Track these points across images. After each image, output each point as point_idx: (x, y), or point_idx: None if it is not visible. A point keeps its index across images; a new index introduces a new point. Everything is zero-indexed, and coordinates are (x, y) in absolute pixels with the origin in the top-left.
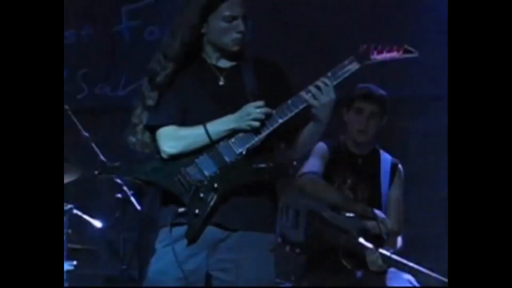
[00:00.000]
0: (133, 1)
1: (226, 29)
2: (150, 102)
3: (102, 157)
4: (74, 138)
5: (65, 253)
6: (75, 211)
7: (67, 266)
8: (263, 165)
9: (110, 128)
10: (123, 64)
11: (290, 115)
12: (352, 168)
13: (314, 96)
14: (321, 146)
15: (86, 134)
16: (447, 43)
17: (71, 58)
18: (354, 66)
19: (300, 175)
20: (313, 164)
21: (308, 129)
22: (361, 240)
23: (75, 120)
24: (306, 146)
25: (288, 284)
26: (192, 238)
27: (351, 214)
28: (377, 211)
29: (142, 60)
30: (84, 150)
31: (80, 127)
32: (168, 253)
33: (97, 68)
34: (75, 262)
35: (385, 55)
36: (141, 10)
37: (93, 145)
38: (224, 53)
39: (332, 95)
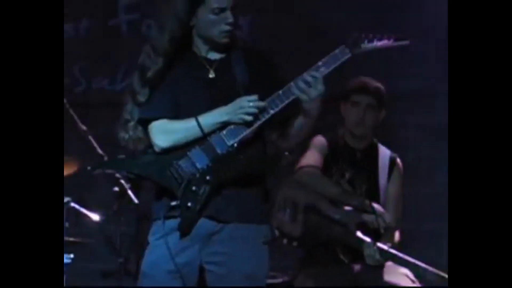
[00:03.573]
0: None
1: (214, 21)
2: (141, 98)
3: (99, 151)
4: (71, 131)
5: None
6: (72, 204)
7: (65, 259)
8: (255, 156)
9: (108, 122)
10: (120, 58)
11: (281, 105)
12: (350, 162)
13: (302, 91)
14: (320, 139)
15: (84, 127)
16: (444, 37)
17: (69, 51)
18: (345, 55)
19: (298, 169)
20: (311, 158)
21: (298, 122)
22: (359, 233)
23: (73, 113)
24: (296, 138)
25: (283, 278)
26: (184, 231)
27: (349, 208)
28: (375, 205)
29: (140, 54)
30: (81, 144)
31: (77, 120)
32: (161, 246)
33: (94, 62)
34: (72, 255)
35: (376, 43)
36: (138, 4)
37: (91, 138)
38: (214, 45)
39: (321, 87)
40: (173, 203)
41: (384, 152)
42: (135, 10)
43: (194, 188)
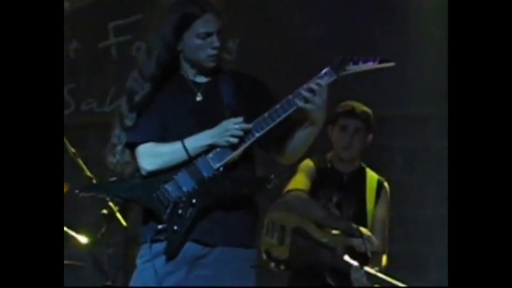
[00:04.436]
0: (120, 17)
1: (201, 45)
2: (128, 123)
3: (88, 173)
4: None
5: None
6: None
7: None
8: (241, 180)
9: (96, 144)
10: (110, 80)
11: (267, 128)
12: (337, 186)
13: (307, 100)
14: (307, 163)
15: (73, 149)
16: (436, 60)
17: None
18: (330, 77)
19: (286, 192)
20: (299, 181)
21: (303, 133)
22: (346, 257)
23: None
24: (300, 151)
25: None
26: (171, 254)
27: (337, 232)
28: (362, 229)
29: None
30: (70, 166)
31: (66, 142)
32: (148, 269)
33: (84, 84)
34: None
35: (361, 65)
36: (128, 26)
37: (79, 160)
38: (201, 69)
39: (325, 95)
40: (160, 227)
41: (372, 176)
42: (125, 32)
43: (180, 211)
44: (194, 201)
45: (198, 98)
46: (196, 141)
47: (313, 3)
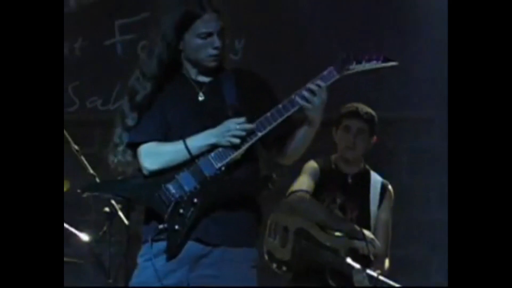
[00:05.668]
0: (126, 15)
1: (201, 45)
2: (130, 123)
3: (91, 171)
4: (63, 150)
5: None
6: None
7: None
8: (243, 179)
9: (100, 142)
10: (115, 78)
11: (269, 127)
12: (341, 187)
13: (306, 100)
14: (312, 164)
15: (76, 147)
16: (442, 61)
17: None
18: (333, 77)
19: (289, 193)
20: (303, 182)
21: (301, 133)
22: (349, 259)
23: (65, 132)
24: (299, 151)
25: None
26: (171, 253)
27: (340, 234)
28: (366, 232)
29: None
30: (73, 163)
31: (70, 139)
32: (149, 267)
33: (89, 82)
34: None
35: (364, 64)
36: (134, 25)
37: (83, 158)
38: (202, 69)
39: (324, 96)
40: (161, 226)
41: (376, 179)
42: (131, 31)
43: (181, 211)
44: (195, 200)
45: (200, 98)
46: (198, 141)
47: (318, 2)
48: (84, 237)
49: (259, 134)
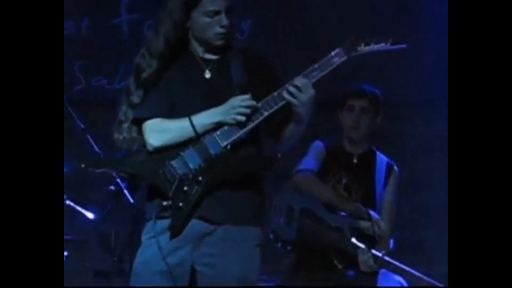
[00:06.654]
0: None
1: (209, 23)
2: (135, 100)
3: (97, 149)
4: (69, 129)
5: None
6: (67, 201)
7: None
8: (248, 158)
9: (106, 121)
10: (121, 57)
11: (276, 107)
12: (347, 167)
13: (293, 95)
14: (318, 144)
15: (82, 125)
16: (443, 46)
17: (69, 49)
18: (341, 58)
19: (295, 172)
20: (308, 162)
21: (290, 127)
22: (354, 240)
23: (71, 111)
24: (290, 141)
25: (275, 282)
26: (175, 231)
27: (345, 214)
28: (371, 212)
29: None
30: (79, 142)
31: (76, 118)
32: (153, 245)
33: (94, 60)
34: (66, 253)
35: (373, 47)
36: (140, 3)
37: (89, 136)
38: (209, 47)
39: (311, 91)
40: (165, 203)
41: (382, 159)
42: (137, 10)
43: (185, 188)
44: (200, 178)
45: (207, 75)
46: (203, 118)
47: None
48: (89, 214)
49: (265, 114)
